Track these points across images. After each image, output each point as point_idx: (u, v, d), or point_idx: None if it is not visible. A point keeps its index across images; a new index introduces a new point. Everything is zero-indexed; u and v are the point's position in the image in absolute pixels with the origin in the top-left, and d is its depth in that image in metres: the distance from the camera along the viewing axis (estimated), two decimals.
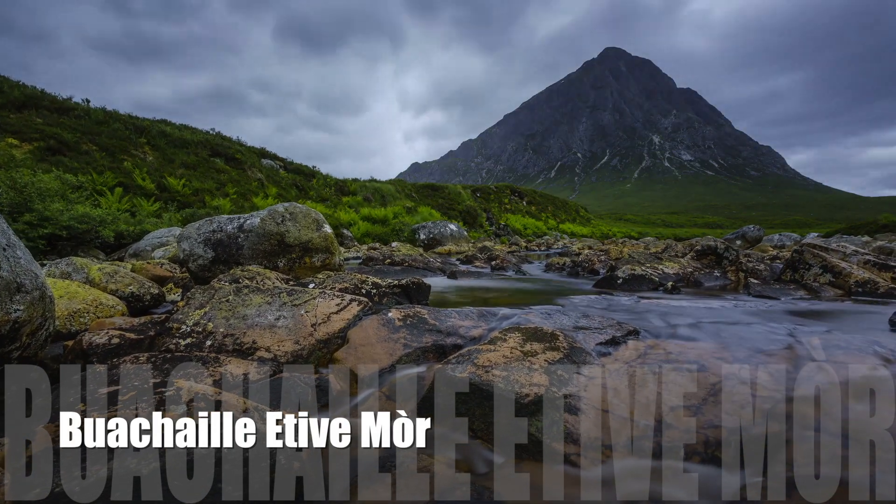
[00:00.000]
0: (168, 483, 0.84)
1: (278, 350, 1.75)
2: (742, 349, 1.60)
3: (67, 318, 2.11)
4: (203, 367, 1.63)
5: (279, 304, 1.97)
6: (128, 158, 10.36)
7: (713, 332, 1.83)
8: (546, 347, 1.55)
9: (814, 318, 2.18)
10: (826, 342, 1.66)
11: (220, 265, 2.55)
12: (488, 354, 1.47)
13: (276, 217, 2.58)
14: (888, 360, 1.50)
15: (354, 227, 13.82)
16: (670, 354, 1.59)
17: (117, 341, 1.77)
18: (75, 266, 2.57)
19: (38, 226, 5.19)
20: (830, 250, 3.64)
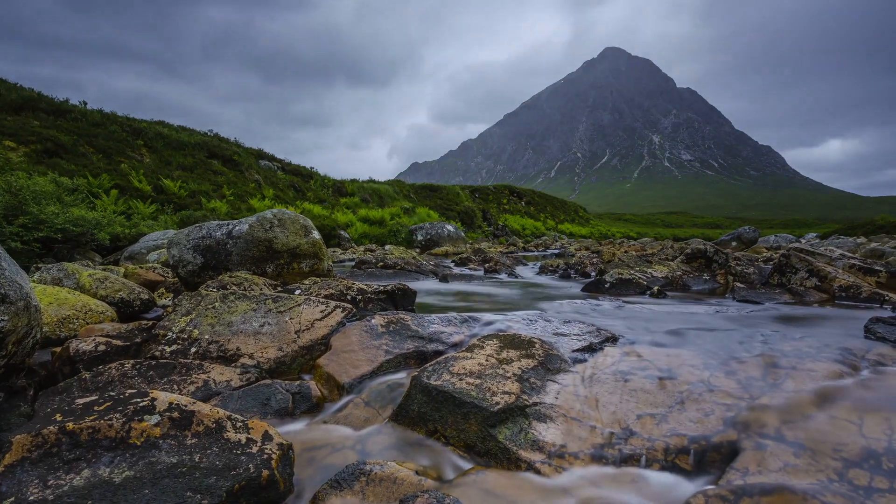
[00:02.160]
0: (138, 492, 0.87)
1: (261, 357, 1.78)
2: (714, 356, 1.64)
3: (57, 325, 2.14)
4: (186, 375, 1.67)
5: (264, 310, 2.00)
6: (124, 160, 10.39)
7: (689, 339, 1.86)
8: (522, 355, 1.58)
9: (792, 324, 2.21)
10: (797, 349, 1.69)
11: (209, 271, 2.58)
12: (464, 362, 1.50)
13: (264, 223, 2.61)
14: (855, 367, 1.53)
15: (352, 229, 13.85)
16: (644, 361, 1.62)
17: (104, 348, 1.80)
18: (66, 272, 2.60)
19: (33, 229, 5.22)
20: (817, 254, 3.68)
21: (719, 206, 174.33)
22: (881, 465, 0.95)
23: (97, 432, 0.96)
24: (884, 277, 3.28)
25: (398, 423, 1.39)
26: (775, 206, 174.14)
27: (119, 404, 1.04)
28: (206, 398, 1.54)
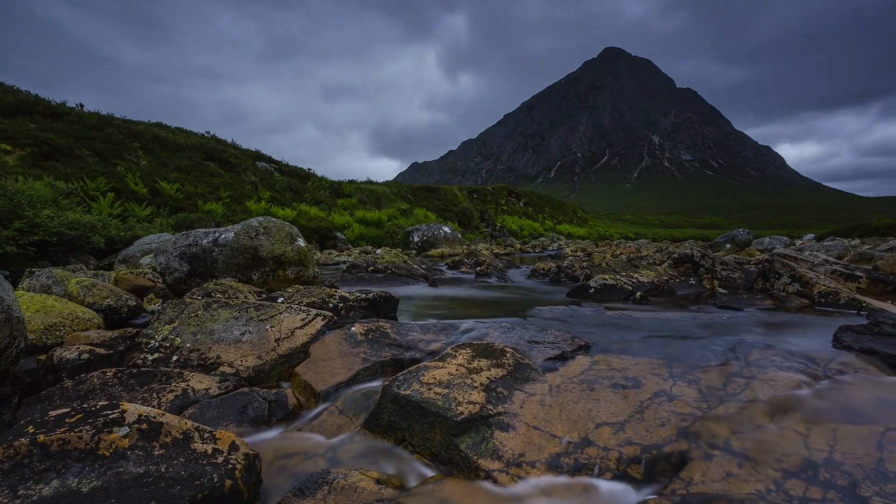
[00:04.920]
0: (104, 501, 0.91)
1: (241, 365, 1.83)
2: (681, 365, 1.68)
3: (44, 332, 2.18)
4: (166, 383, 1.71)
5: (246, 318, 2.04)
6: (121, 163, 10.44)
7: (660, 347, 1.90)
8: (492, 364, 1.62)
9: (765, 332, 2.25)
10: (763, 358, 1.73)
11: (195, 278, 2.62)
12: (434, 371, 1.54)
13: (249, 231, 2.66)
14: (815, 376, 1.57)
15: (349, 230, 13.89)
16: (612, 370, 1.66)
17: (87, 356, 1.84)
18: (55, 279, 2.65)
19: (28, 233, 5.27)
20: (800, 259, 3.72)
21: (719, 207, 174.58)
22: (818, 477, 0.99)
23: (67, 444, 1.01)
24: (865, 283, 3.32)
25: (370, 431, 1.43)
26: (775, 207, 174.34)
27: (90, 416, 1.08)
28: (184, 406, 1.58)
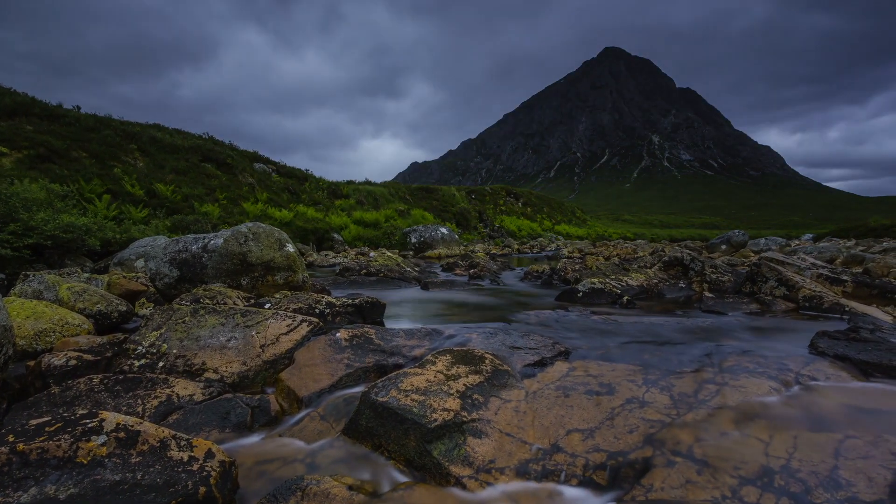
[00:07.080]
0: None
1: (226, 371, 1.86)
2: (657, 371, 1.71)
3: (34, 338, 2.21)
4: (151, 389, 1.74)
5: (232, 325, 2.07)
6: (118, 165, 10.47)
7: (638, 353, 1.93)
8: (470, 371, 1.66)
9: (745, 337, 2.29)
10: (737, 364, 1.77)
11: (185, 284, 2.65)
12: (412, 378, 1.57)
13: (238, 237, 2.69)
14: (787, 383, 1.61)
15: (346, 231, 13.92)
16: (589, 377, 1.69)
17: (74, 363, 1.87)
18: (46, 284, 2.68)
19: (23, 235, 5.29)
20: (787, 263, 3.76)
21: (719, 207, 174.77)
22: (773, 484, 1.02)
23: (46, 452, 1.04)
24: (850, 287, 3.36)
25: (349, 436, 1.46)
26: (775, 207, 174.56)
27: (69, 425, 1.11)
28: (168, 412, 1.61)
